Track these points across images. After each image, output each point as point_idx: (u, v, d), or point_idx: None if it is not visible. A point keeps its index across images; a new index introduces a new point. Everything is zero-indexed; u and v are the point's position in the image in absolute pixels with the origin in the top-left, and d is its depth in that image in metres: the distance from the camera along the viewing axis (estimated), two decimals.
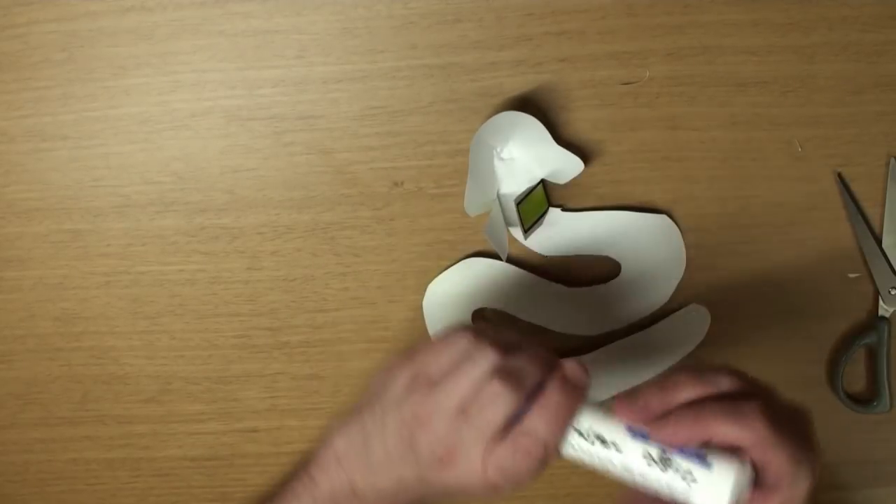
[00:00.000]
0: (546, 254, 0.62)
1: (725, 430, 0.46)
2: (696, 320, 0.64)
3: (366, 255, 0.62)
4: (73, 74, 0.58)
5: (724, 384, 0.48)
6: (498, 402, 0.47)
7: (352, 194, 0.61)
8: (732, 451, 0.46)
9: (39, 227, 0.62)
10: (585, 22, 0.58)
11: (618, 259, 0.63)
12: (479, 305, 0.64)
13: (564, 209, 0.62)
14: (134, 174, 0.61)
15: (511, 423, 0.47)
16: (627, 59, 0.59)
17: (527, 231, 0.60)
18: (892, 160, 0.62)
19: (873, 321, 0.64)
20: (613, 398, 0.52)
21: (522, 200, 0.58)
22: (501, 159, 0.59)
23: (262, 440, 0.66)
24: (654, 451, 0.46)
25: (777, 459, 0.45)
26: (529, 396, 0.48)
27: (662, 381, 0.49)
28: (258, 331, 0.64)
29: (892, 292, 0.63)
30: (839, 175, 0.62)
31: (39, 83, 0.59)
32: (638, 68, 0.59)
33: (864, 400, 0.66)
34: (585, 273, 0.63)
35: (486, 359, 0.48)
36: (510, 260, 0.62)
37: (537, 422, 0.48)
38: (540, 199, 0.61)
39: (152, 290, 0.63)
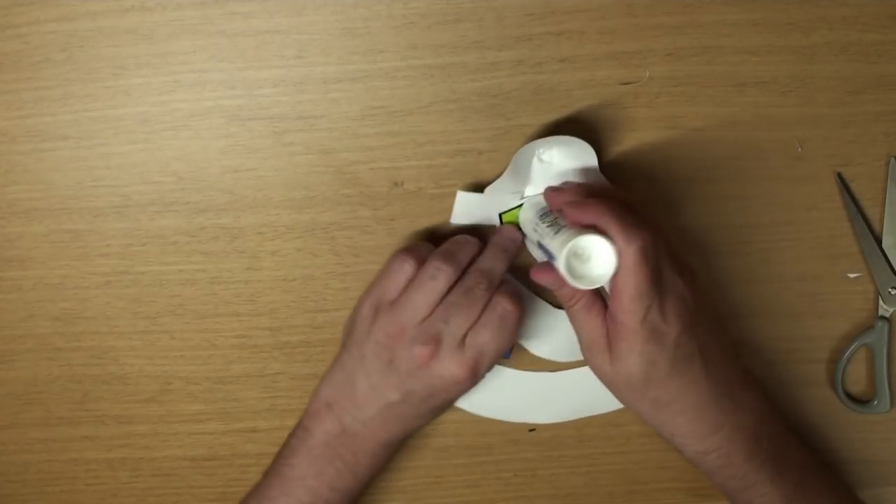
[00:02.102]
0: None
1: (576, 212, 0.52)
2: None
3: (366, 255, 0.62)
4: (73, 74, 0.58)
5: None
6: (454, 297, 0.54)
7: (352, 194, 0.61)
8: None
9: (39, 227, 0.62)
10: (585, 22, 0.58)
11: None
12: None
13: None
14: (134, 174, 0.61)
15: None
16: (627, 59, 0.59)
17: None
18: (892, 160, 0.62)
19: (873, 321, 0.64)
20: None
21: (507, 211, 0.58)
22: (541, 160, 0.59)
23: (261, 440, 0.66)
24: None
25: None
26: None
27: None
28: (258, 331, 0.64)
29: (892, 292, 0.63)
30: (839, 175, 0.62)
31: (40, 83, 0.59)
32: (638, 68, 0.59)
33: (864, 400, 0.66)
34: None
35: (433, 265, 0.55)
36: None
37: (489, 260, 0.56)
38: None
39: (152, 290, 0.63)
